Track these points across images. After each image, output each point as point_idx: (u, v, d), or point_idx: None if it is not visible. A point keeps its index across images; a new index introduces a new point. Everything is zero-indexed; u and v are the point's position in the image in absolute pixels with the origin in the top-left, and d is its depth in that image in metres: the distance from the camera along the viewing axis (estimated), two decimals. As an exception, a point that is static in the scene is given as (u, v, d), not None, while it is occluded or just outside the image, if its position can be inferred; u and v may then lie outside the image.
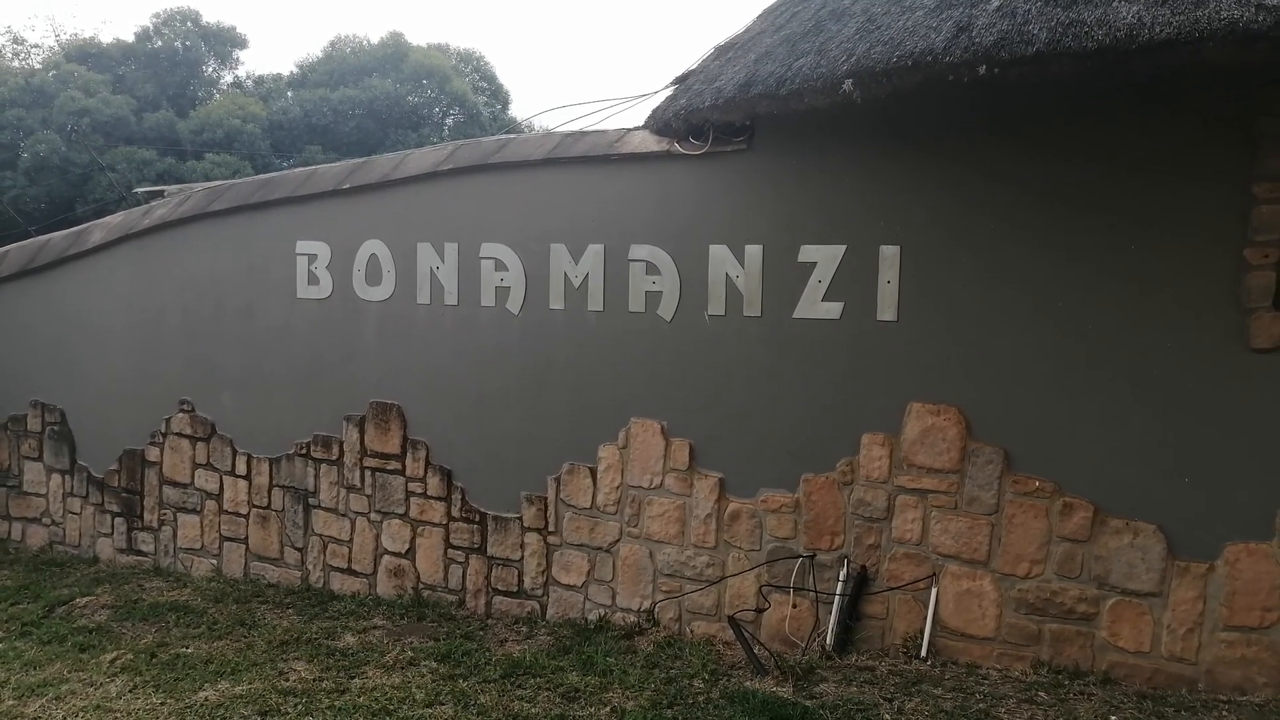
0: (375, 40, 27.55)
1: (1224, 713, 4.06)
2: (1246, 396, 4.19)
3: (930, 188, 4.67)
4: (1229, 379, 4.21)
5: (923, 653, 4.66)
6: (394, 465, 6.09)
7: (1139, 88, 4.19)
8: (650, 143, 5.32)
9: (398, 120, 25.31)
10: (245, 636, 5.38)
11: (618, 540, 5.45)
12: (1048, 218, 4.46)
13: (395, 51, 26.71)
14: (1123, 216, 4.34)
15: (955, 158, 4.63)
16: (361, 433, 6.18)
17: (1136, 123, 4.31)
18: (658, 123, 5.24)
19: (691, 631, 5.23)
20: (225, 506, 6.69)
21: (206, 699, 4.46)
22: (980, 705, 4.17)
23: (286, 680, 4.69)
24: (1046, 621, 4.52)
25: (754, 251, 5.02)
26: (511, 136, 6.03)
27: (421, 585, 6.03)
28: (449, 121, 26.98)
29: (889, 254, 4.73)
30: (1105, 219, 4.36)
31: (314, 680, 4.68)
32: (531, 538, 5.69)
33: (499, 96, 29.42)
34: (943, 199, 4.64)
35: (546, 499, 5.63)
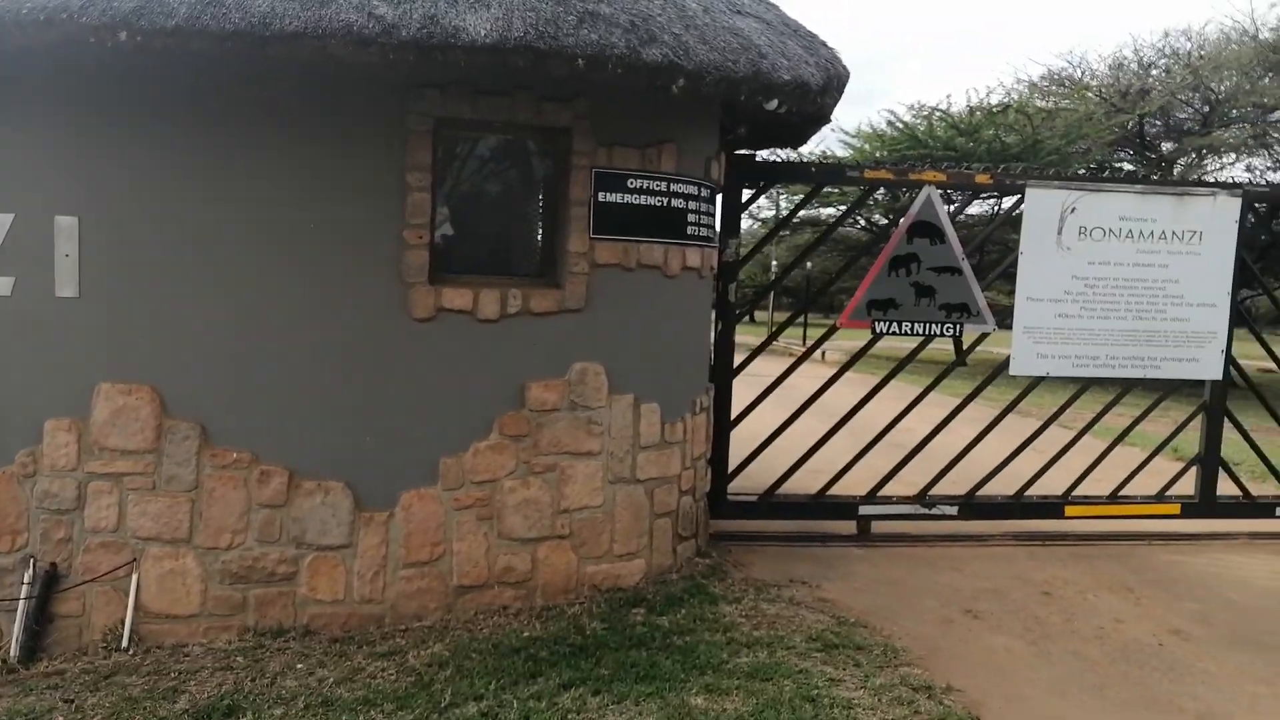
0: None
1: (400, 640, 4.60)
2: (412, 360, 4.76)
3: (117, 158, 4.42)
4: (397, 346, 4.74)
5: (124, 643, 4.47)
6: None
7: (331, 78, 4.42)
8: None
9: None
10: None
11: None
12: (239, 194, 4.50)
13: None
14: (309, 195, 4.56)
15: (146, 129, 4.41)
16: None
17: (329, 110, 4.53)
18: None
19: None
20: None
21: None
22: (171, 684, 4.13)
23: None
24: (251, 588, 4.66)
25: (-103, 217, 4.28)
26: None
27: None
28: None
29: (66, 225, 4.39)
30: (295, 196, 4.55)
31: None
32: None
33: None
34: (130, 170, 4.42)
35: None
